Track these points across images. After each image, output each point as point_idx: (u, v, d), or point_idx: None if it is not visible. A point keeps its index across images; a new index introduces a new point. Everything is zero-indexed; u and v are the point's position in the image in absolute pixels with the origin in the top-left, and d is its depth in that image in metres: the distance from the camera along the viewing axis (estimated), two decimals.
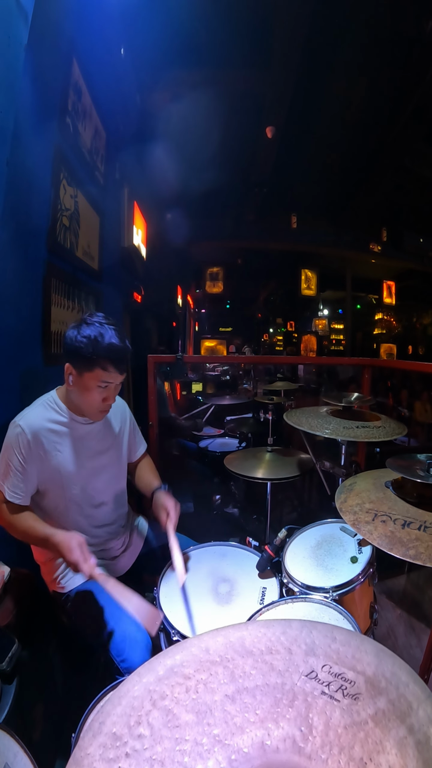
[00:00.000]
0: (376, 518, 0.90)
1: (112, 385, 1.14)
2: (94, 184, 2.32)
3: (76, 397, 1.16)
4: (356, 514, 0.94)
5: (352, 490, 1.06)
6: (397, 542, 0.82)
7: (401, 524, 0.87)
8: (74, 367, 1.11)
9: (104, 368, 1.09)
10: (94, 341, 1.07)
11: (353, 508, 0.96)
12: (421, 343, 8.92)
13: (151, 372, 2.23)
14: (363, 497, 1.00)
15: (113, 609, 1.13)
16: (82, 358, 1.08)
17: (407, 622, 1.88)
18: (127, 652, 1.05)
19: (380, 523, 0.88)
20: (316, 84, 3.82)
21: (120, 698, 0.49)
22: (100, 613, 1.13)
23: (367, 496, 1.00)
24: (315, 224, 7.47)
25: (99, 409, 1.16)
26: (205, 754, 0.42)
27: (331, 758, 0.41)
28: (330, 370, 5.18)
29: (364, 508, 0.95)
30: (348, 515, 0.95)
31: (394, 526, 0.87)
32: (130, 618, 1.11)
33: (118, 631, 1.09)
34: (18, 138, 1.33)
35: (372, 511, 0.93)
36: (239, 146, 4.68)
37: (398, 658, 0.51)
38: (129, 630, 1.09)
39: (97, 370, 1.09)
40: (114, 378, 1.13)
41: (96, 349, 1.07)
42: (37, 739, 1.02)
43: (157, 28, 2.62)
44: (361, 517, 0.92)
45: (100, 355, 1.08)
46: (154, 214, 4.16)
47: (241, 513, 2.66)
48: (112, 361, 1.10)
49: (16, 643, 0.91)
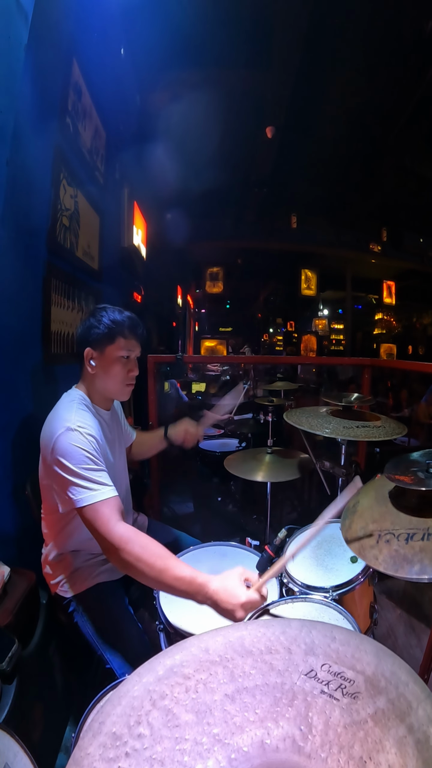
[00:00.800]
0: (380, 540, 0.86)
1: (133, 356, 1.22)
2: (94, 184, 2.32)
3: (100, 380, 1.21)
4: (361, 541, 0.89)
5: (356, 512, 1.00)
6: (402, 560, 0.78)
7: (404, 539, 0.83)
8: (95, 348, 1.18)
9: (125, 336, 1.18)
10: (110, 318, 1.18)
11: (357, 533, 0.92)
12: (421, 343, 8.92)
13: (151, 372, 2.24)
14: (366, 518, 0.95)
15: (115, 620, 1.14)
16: (102, 336, 1.17)
17: (407, 622, 1.88)
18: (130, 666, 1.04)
19: (384, 544, 0.84)
20: (316, 84, 3.82)
21: (120, 698, 0.49)
22: (102, 623, 1.12)
23: (370, 516, 0.95)
24: (315, 224, 7.47)
25: (126, 382, 1.23)
26: (205, 754, 0.43)
27: (330, 757, 0.41)
28: (330, 370, 5.18)
29: (368, 529, 0.91)
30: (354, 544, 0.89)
31: (397, 544, 0.83)
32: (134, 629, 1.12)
33: (120, 644, 1.08)
34: (18, 138, 1.33)
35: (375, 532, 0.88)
36: (239, 146, 4.68)
37: (398, 657, 0.51)
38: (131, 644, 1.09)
39: (119, 339, 1.17)
40: (134, 347, 1.21)
41: (113, 322, 1.17)
42: (37, 739, 1.02)
43: (157, 28, 2.62)
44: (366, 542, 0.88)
45: (118, 325, 1.17)
46: (154, 214, 4.16)
47: (241, 513, 2.67)
48: (130, 328, 1.19)
49: (16, 643, 0.91)
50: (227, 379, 4.82)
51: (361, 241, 7.89)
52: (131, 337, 1.20)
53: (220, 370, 5.16)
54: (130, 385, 1.25)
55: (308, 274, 8.33)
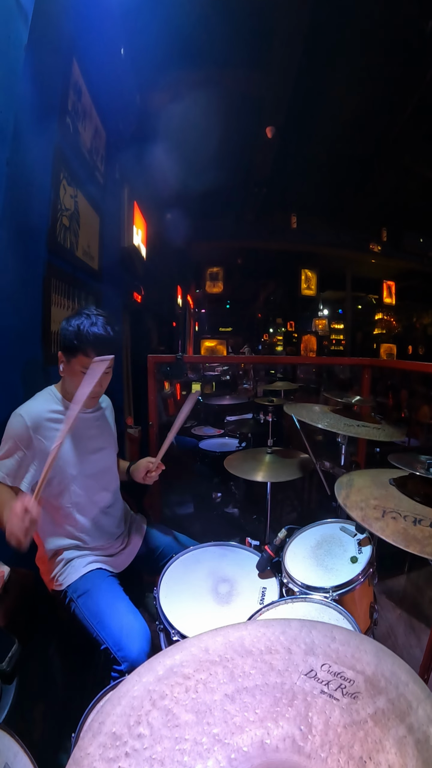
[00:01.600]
0: (385, 515, 0.86)
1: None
2: (94, 184, 2.32)
3: (68, 384, 1.23)
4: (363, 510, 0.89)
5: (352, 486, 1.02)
6: (412, 539, 0.78)
7: (412, 521, 0.83)
8: (63, 354, 1.20)
9: (86, 354, 1.15)
10: (77, 329, 1.15)
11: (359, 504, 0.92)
12: (421, 343, 8.92)
13: (151, 372, 2.24)
14: (366, 493, 0.96)
15: (110, 601, 1.15)
16: (68, 346, 1.17)
17: (407, 622, 1.88)
18: (125, 642, 1.06)
19: (391, 520, 0.85)
20: (315, 84, 3.82)
21: (120, 698, 0.49)
22: (97, 605, 1.14)
23: (369, 492, 0.96)
24: (315, 224, 7.48)
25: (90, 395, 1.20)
26: (205, 754, 0.43)
27: (330, 757, 0.41)
28: (330, 370, 5.18)
29: (370, 504, 0.91)
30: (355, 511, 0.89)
31: (405, 523, 0.83)
32: (128, 609, 1.14)
33: (116, 622, 1.10)
34: (18, 138, 1.33)
35: (379, 508, 0.89)
36: (239, 146, 4.68)
37: (398, 657, 0.51)
38: (126, 621, 1.10)
39: (80, 356, 1.16)
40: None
41: (78, 337, 1.15)
42: (37, 739, 1.02)
43: (157, 28, 2.62)
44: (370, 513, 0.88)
45: (82, 341, 1.15)
46: (154, 214, 4.16)
47: (241, 513, 2.67)
48: (93, 347, 1.15)
49: (16, 643, 0.91)
50: (227, 379, 4.83)
51: (361, 241, 7.90)
52: (93, 356, 1.13)
53: (220, 371, 5.14)
54: (93, 398, 1.25)
55: (308, 274, 8.33)
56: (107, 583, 1.21)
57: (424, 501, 0.92)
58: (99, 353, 1.15)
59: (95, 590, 1.17)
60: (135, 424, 2.83)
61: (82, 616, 1.15)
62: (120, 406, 2.88)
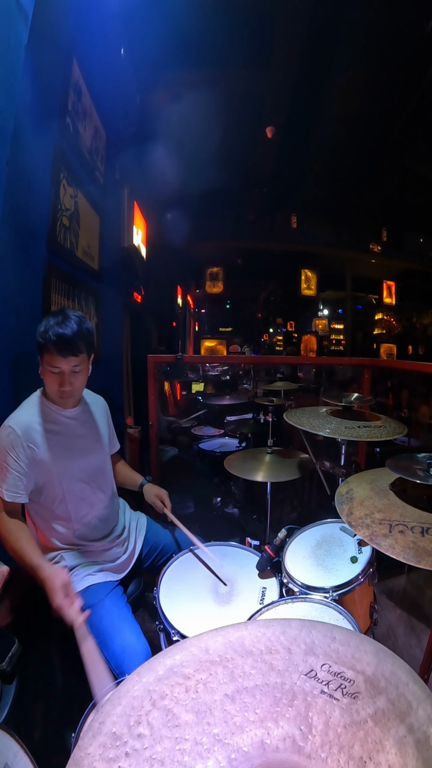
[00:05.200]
0: (393, 529, 0.84)
1: (63, 372, 1.18)
2: (94, 184, 2.32)
3: (46, 384, 1.22)
4: (370, 528, 0.86)
5: (353, 499, 0.99)
6: (422, 552, 0.76)
7: (420, 532, 0.81)
8: (38, 355, 1.20)
9: (49, 352, 1.15)
10: (44, 328, 1.15)
11: (364, 521, 0.89)
12: (421, 343, 8.91)
13: (151, 372, 2.24)
14: (369, 506, 0.93)
15: (114, 620, 1.13)
16: (37, 344, 1.18)
17: (407, 622, 1.88)
18: (127, 665, 1.03)
19: (399, 535, 0.82)
20: (316, 84, 3.82)
21: (120, 698, 0.49)
22: (101, 622, 1.12)
23: (372, 505, 0.94)
24: (315, 224, 7.47)
25: (57, 395, 1.22)
26: (205, 754, 0.43)
27: (330, 757, 0.41)
28: (330, 370, 5.18)
29: (376, 519, 0.88)
30: (362, 530, 0.87)
31: (413, 536, 0.81)
32: (132, 629, 1.12)
33: (118, 643, 1.07)
34: (18, 138, 1.33)
35: (386, 522, 0.86)
36: (239, 146, 4.67)
37: (398, 657, 0.51)
38: (129, 640, 1.08)
39: (45, 354, 1.17)
40: (58, 362, 1.16)
41: (43, 335, 1.15)
42: (37, 739, 1.02)
43: (157, 28, 2.62)
44: (377, 530, 0.85)
45: (46, 340, 1.15)
46: (154, 214, 4.16)
47: (241, 513, 2.66)
48: (54, 345, 1.14)
49: (16, 643, 0.91)
50: (227, 379, 4.83)
51: (361, 241, 7.88)
52: (55, 355, 1.15)
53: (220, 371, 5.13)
54: (64, 398, 1.23)
55: (308, 274, 8.32)
56: (111, 599, 1.19)
57: (427, 506, 0.90)
58: (59, 352, 1.15)
59: (99, 606, 1.15)
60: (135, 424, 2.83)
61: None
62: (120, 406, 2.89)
